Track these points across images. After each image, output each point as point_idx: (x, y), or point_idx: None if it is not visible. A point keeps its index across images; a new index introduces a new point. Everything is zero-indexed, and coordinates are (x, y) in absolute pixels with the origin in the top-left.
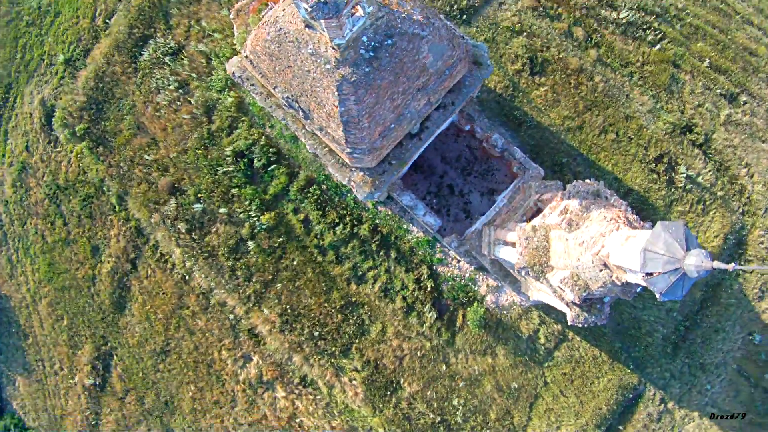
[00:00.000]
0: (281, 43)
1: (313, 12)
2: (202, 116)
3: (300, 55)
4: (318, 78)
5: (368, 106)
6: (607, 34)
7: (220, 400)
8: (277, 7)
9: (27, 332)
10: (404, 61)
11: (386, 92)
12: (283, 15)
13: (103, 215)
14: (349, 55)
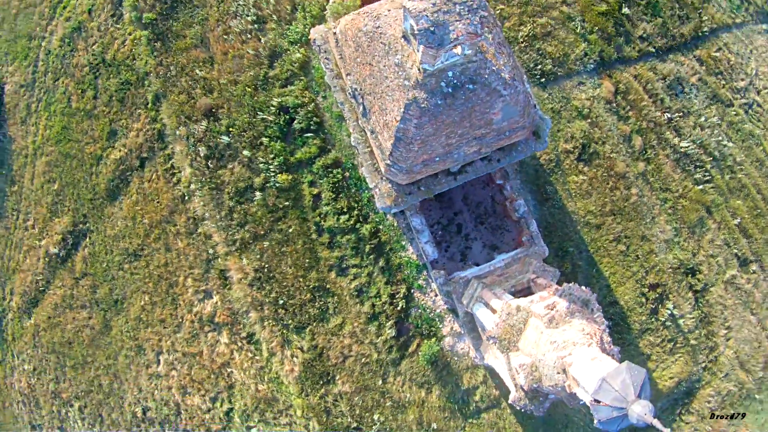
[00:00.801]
0: (373, 40)
1: (418, 35)
2: (265, 58)
3: (385, 60)
4: (392, 88)
5: (425, 134)
6: (662, 155)
7: (166, 321)
8: (384, 3)
9: (15, 179)
10: (475, 108)
11: (446, 128)
12: (386, 15)
13: (134, 106)
14: (430, 83)
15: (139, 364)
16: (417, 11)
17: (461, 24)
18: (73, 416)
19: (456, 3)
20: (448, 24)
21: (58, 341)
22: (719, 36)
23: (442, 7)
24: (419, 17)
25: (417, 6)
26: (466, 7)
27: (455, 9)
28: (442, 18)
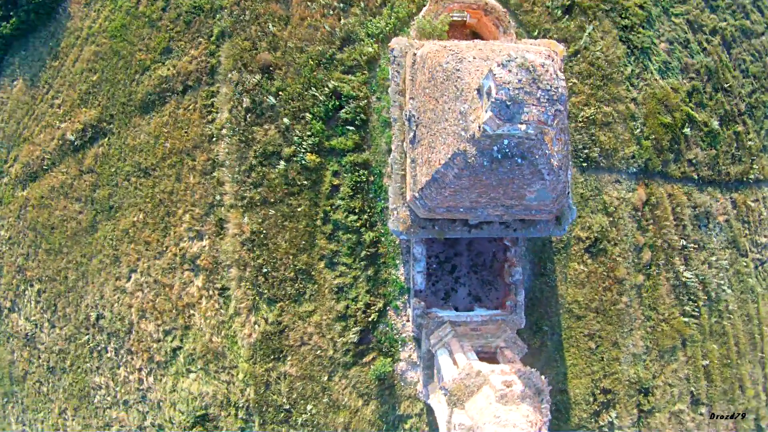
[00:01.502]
0: (448, 79)
1: (492, 102)
2: (338, 40)
3: (452, 103)
4: (448, 132)
5: (460, 186)
6: (663, 276)
7: (151, 244)
8: (471, 48)
9: (59, 55)
10: (515, 181)
11: (481, 188)
12: (469, 62)
13: (198, 33)
14: (484, 143)
15: (109, 273)
16: (501, 80)
17: (536, 109)
18: (29, 296)
19: (540, 88)
20: (524, 105)
21: (42, 222)
22: (761, 187)
23: (525, 87)
24: (501, 87)
25: (503, 76)
26: (547, 95)
27: (536, 93)
28: (521, 97)
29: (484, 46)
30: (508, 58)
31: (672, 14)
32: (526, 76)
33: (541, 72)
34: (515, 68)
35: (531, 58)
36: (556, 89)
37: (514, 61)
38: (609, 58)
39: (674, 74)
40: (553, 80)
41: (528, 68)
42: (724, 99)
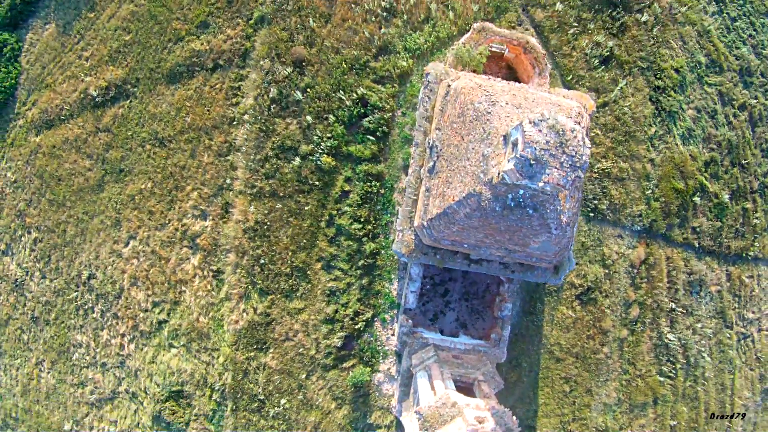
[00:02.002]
0: (478, 119)
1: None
2: (375, 48)
3: (476, 144)
4: (467, 170)
5: (468, 224)
6: (647, 334)
7: (155, 215)
8: (506, 92)
9: (96, 6)
10: (522, 230)
11: (489, 230)
12: (501, 107)
13: (238, 14)
14: (500, 189)
15: (108, 235)
16: (530, 138)
17: (557, 173)
18: (24, 242)
19: (565, 153)
20: (547, 166)
21: (49, 171)
22: (758, 265)
23: (551, 149)
24: (529, 145)
25: (533, 134)
26: (571, 161)
27: (561, 157)
28: (546, 158)
29: (518, 92)
30: (540, 117)
31: (705, 83)
32: (555, 138)
33: (570, 137)
34: (546, 129)
35: (563, 121)
36: (580, 156)
37: (546, 121)
38: (636, 115)
39: (696, 142)
40: (579, 147)
41: (558, 131)
42: (740, 174)
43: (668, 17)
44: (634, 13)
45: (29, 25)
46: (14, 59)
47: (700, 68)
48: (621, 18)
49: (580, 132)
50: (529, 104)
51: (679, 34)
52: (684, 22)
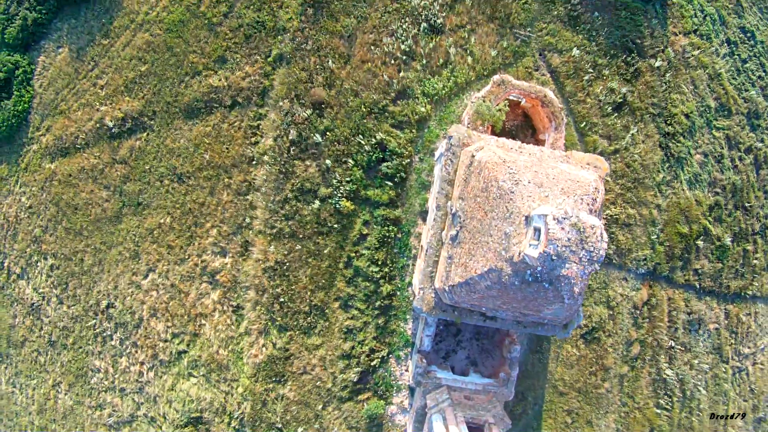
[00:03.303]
0: (501, 198)
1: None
2: (394, 92)
3: (499, 222)
4: (489, 246)
5: (488, 294)
6: (646, 370)
7: (174, 249)
8: (528, 168)
9: (110, 33)
10: (537, 299)
11: (506, 299)
12: (524, 186)
13: (256, 50)
14: (520, 266)
15: (127, 267)
16: (554, 236)
17: (576, 267)
18: (41, 268)
19: (584, 249)
20: (567, 261)
21: (66, 200)
22: (756, 303)
23: (572, 246)
24: (552, 242)
25: (556, 232)
26: (589, 255)
27: (580, 253)
28: (566, 254)
29: (539, 168)
30: (564, 215)
31: (714, 127)
32: (576, 236)
33: (590, 234)
34: (568, 227)
35: (584, 218)
36: (598, 251)
37: (569, 219)
38: (645, 162)
39: (702, 187)
40: (597, 242)
41: (579, 229)
42: (742, 217)
43: (681, 61)
44: (648, 58)
45: (41, 48)
46: (27, 82)
47: (709, 112)
48: (635, 63)
49: (599, 228)
50: (550, 182)
51: (691, 79)
52: (696, 65)
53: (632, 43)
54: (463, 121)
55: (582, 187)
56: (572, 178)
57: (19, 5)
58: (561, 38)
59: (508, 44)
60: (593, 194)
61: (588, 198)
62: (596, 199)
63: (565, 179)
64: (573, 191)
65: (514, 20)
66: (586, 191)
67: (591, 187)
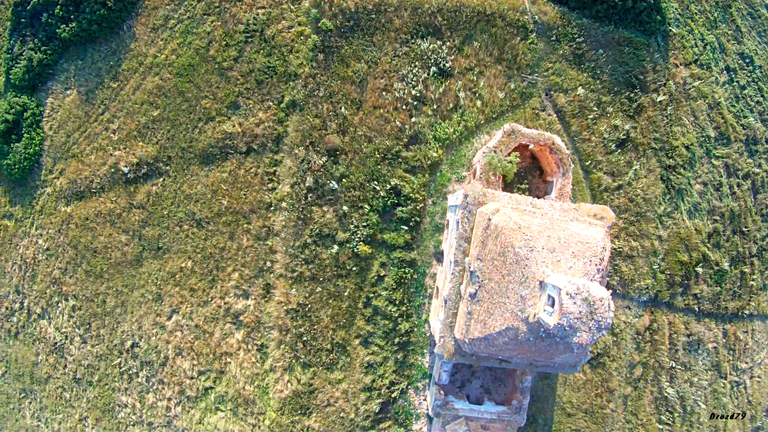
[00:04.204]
0: (517, 263)
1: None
2: (406, 137)
3: (515, 285)
4: (506, 306)
5: (506, 348)
6: (649, 389)
7: (197, 292)
8: (542, 233)
9: (119, 76)
10: (550, 351)
11: (521, 351)
12: (538, 252)
13: (269, 96)
14: (534, 325)
15: (150, 309)
16: (567, 310)
17: (586, 335)
18: (62, 308)
19: (594, 319)
20: (578, 331)
21: (84, 243)
22: (753, 321)
23: (583, 318)
24: (564, 315)
25: (569, 306)
26: (597, 324)
27: (590, 323)
28: (577, 324)
29: (552, 232)
30: (576, 291)
31: (713, 156)
32: (586, 308)
33: (599, 306)
34: (580, 301)
35: (594, 292)
36: (605, 320)
37: (581, 294)
38: (647, 196)
39: (701, 215)
40: (605, 312)
41: (590, 302)
42: (740, 241)
43: (682, 93)
44: (650, 93)
45: (49, 89)
46: (36, 125)
47: (709, 142)
48: (638, 99)
49: (608, 300)
50: (562, 246)
51: (691, 110)
52: (696, 96)
53: (635, 79)
54: (474, 169)
55: (590, 248)
56: (581, 239)
57: (23, 45)
58: (566, 77)
59: (516, 86)
60: (600, 254)
61: (596, 259)
62: (603, 258)
63: (575, 241)
64: (582, 253)
65: (521, 61)
66: (594, 252)
67: (598, 247)
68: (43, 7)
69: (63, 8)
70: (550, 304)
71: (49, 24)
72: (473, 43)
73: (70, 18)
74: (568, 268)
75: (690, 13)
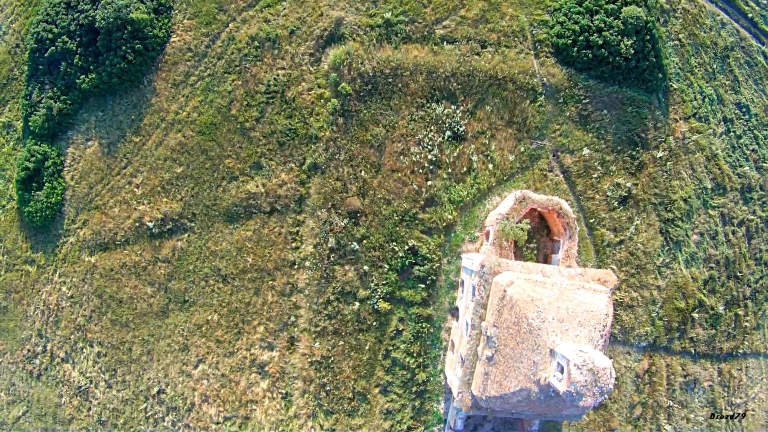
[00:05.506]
0: (530, 332)
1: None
2: (423, 200)
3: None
4: (520, 370)
5: (518, 406)
6: (647, 427)
7: (222, 342)
8: (553, 303)
9: (141, 130)
10: (558, 407)
11: (533, 407)
12: (549, 323)
13: (290, 157)
14: (546, 386)
15: (176, 358)
16: (574, 379)
17: (591, 399)
18: (87, 354)
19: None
20: (584, 396)
21: (109, 293)
22: (747, 358)
23: (588, 385)
24: (573, 383)
25: (576, 376)
26: (601, 390)
27: (595, 389)
28: (583, 391)
29: (561, 302)
30: (583, 362)
31: (710, 206)
32: (591, 377)
33: (602, 375)
34: (586, 371)
35: (599, 363)
36: (608, 385)
37: (587, 365)
38: (647, 249)
39: (697, 264)
40: (608, 380)
41: (594, 372)
42: (734, 285)
43: (681, 148)
44: (651, 149)
45: (69, 138)
46: (57, 174)
47: (706, 193)
48: (639, 156)
49: (610, 369)
50: (570, 317)
51: (689, 163)
52: (695, 149)
53: (637, 137)
54: (487, 230)
55: (595, 316)
56: (587, 308)
57: (41, 92)
58: (573, 138)
59: (525, 148)
60: (604, 321)
61: (600, 326)
62: (606, 325)
63: (581, 311)
64: (588, 321)
65: (530, 124)
66: (598, 320)
67: (602, 315)
68: (62, 55)
69: (82, 58)
70: (559, 370)
71: (68, 73)
72: (485, 106)
73: (90, 69)
74: (575, 336)
75: (690, 67)
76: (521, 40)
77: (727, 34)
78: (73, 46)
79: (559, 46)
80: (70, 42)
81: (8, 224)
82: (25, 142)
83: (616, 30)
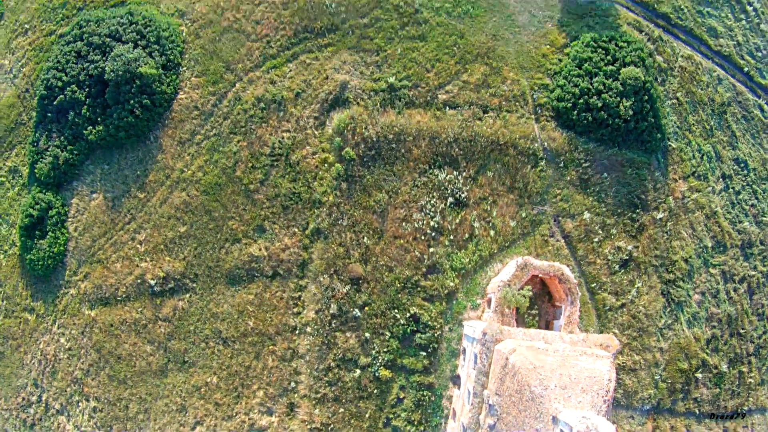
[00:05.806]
0: (533, 401)
1: None
2: (424, 267)
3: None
4: None
5: None
6: None
7: (221, 405)
8: (555, 371)
9: (146, 188)
10: None
11: None
12: (551, 390)
13: (294, 222)
14: None
15: (174, 418)
16: None
17: None
18: (82, 408)
19: None
20: None
21: (108, 348)
22: (752, 415)
23: None
24: None
25: None
26: None
27: None
28: None
29: (563, 369)
30: (586, 429)
31: (711, 264)
32: None
33: None
34: None
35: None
36: None
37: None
38: (649, 312)
39: (699, 324)
40: None
41: None
42: (737, 343)
43: (681, 208)
44: (651, 211)
45: (74, 189)
46: (61, 224)
47: (706, 252)
48: (639, 218)
49: None
50: (572, 383)
51: (690, 222)
52: (694, 208)
53: (637, 199)
54: (488, 297)
55: (598, 382)
56: (590, 374)
57: (48, 139)
58: (573, 203)
59: (527, 214)
60: (606, 387)
61: (602, 391)
62: (609, 390)
63: (584, 377)
64: (590, 387)
65: (532, 189)
66: (600, 386)
67: (605, 381)
68: (71, 104)
69: (90, 109)
70: None
71: (76, 123)
72: (487, 172)
73: (97, 120)
74: (578, 403)
75: (688, 125)
76: (522, 104)
77: (723, 89)
78: (82, 96)
79: (559, 109)
80: (79, 92)
81: (9, 270)
82: (30, 189)
83: (615, 91)
